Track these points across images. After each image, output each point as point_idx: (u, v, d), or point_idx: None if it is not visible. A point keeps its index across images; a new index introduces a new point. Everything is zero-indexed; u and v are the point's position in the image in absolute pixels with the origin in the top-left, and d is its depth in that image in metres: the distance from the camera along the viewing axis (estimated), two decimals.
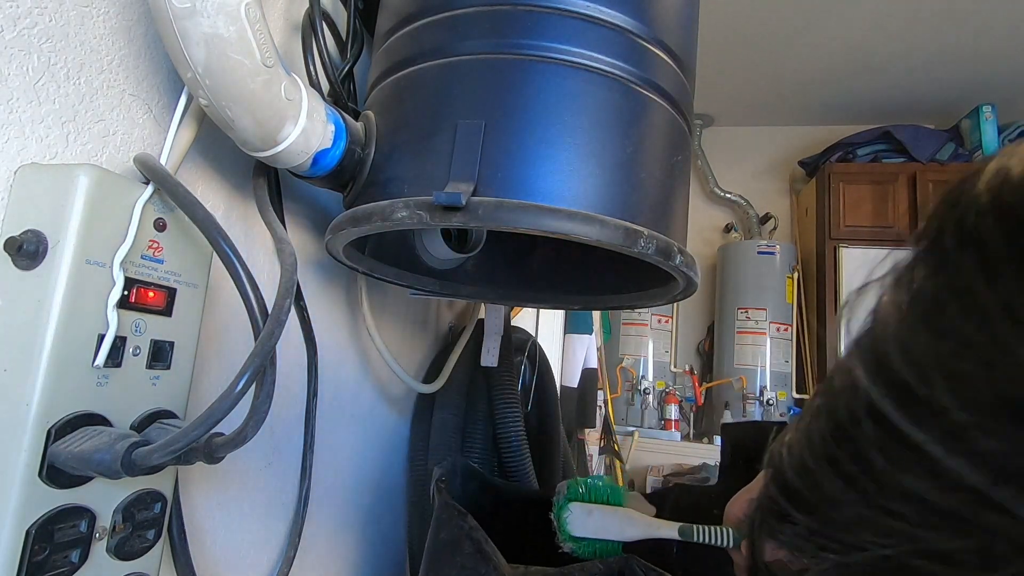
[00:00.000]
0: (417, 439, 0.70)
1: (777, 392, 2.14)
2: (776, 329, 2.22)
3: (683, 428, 2.28)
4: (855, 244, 2.15)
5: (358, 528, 0.63)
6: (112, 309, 0.29)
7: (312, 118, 0.36)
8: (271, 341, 0.28)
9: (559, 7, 0.38)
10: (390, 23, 0.43)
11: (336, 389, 0.57)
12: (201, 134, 0.37)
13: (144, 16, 0.34)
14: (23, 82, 0.28)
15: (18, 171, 0.28)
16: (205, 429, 0.26)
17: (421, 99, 0.39)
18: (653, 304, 0.52)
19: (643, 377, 2.34)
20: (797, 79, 2.30)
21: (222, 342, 0.42)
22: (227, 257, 0.30)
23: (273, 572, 0.48)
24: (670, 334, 2.45)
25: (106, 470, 0.26)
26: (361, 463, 0.63)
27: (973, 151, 2.16)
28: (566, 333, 1.52)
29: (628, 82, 0.39)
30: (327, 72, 0.46)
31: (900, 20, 1.90)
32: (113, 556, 0.29)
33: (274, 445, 0.48)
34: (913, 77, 2.22)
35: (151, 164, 0.31)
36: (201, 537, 0.40)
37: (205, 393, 0.40)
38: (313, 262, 0.53)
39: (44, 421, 0.27)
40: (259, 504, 0.46)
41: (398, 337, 0.68)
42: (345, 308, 0.58)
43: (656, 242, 0.36)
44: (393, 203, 0.36)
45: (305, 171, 0.39)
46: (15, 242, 0.27)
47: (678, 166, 0.42)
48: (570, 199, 0.35)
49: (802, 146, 2.57)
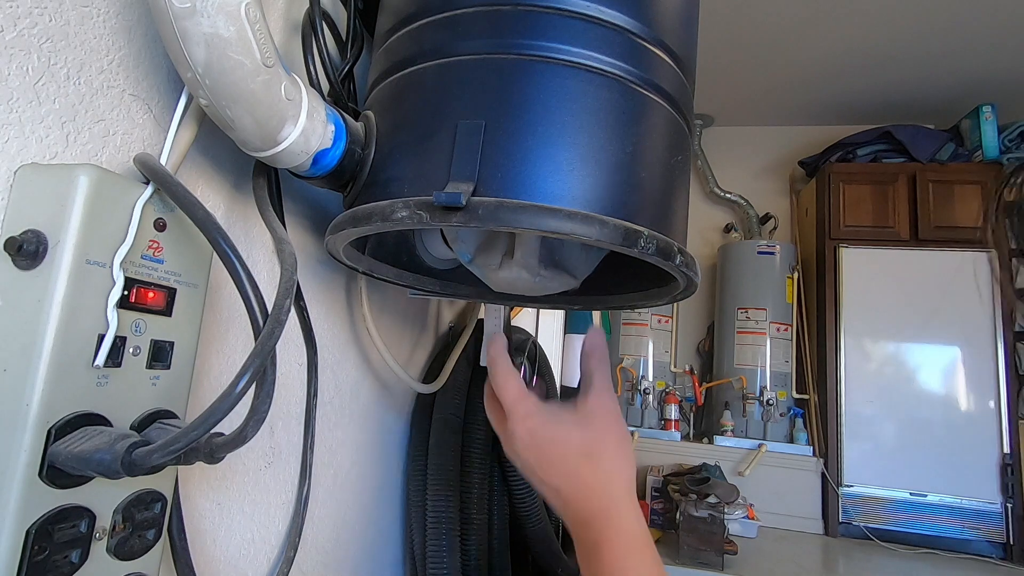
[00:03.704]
0: (417, 439, 0.70)
1: (777, 392, 2.14)
2: (776, 329, 2.22)
3: (683, 428, 2.27)
4: (855, 244, 2.14)
5: (358, 528, 0.63)
6: (112, 309, 0.29)
7: (312, 118, 0.36)
8: (271, 341, 0.28)
9: (559, 7, 0.38)
10: (390, 23, 0.43)
11: (336, 389, 0.57)
12: (201, 134, 0.37)
13: (144, 16, 0.34)
14: (23, 82, 0.28)
15: (18, 171, 0.28)
16: (205, 429, 0.26)
17: (421, 99, 0.39)
18: (653, 304, 0.52)
19: (643, 377, 2.34)
20: (797, 79, 2.30)
21: (222, 342, 0.42)
22: (227, 257, 0.30)
23: (273, 572, 0.48)
24: (670, 334, 2.45)
25: (106, 470, 0.26)
26: (361, 463, 0.63)
27: (973, 151, 2.16)
28: (566, 333, 1.52)
29: (628, 82, 0.39)
30: (327, 72, 0.46)
31: (900, 20, 1.90)
32: (113, 556, 0.29)
33: (274, 445, 0.48)
34: (913, 77, 2.21)
35: (151, 164, 0.31)
36: (201, 537, 0.40)
37: (205, 393, 0.40)
38: (313, 262, 0.53)
39: (44, 421, 0.27)
40: (259, 504, 0.46)
41: (398, 337, 0.68)
42: (345, 308, 0.58)
43: (656, 242, 0.36)
44: (393, 203, 0.36)
45: (305, 171, 0.38)
46: (15, 242, 0.27)
47: (678, 166, 0.42)
48: (570, 199, 0.35)
49: (802, 146, 2.56)
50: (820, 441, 2.07)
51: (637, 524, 0.39)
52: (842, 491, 1.97)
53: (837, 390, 2.06)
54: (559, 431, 0.42)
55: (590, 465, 0.40)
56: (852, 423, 2.02)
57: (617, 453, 0.41)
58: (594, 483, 0.40)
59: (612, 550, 0.37)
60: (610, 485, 0.40)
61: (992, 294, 1.99)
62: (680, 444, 2.16)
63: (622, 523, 0.38)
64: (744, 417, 2.16)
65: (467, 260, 0.48)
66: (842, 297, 2.11)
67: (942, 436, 1.95)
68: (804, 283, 2.32)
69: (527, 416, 0.42)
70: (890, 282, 2.09)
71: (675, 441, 2.18)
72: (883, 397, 2.02)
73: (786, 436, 2.14)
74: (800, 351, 2.24)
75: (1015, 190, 0.64)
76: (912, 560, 1.79)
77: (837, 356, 2.08)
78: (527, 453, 0.42)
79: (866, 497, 1.96)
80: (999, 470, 1.89)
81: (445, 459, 0.65)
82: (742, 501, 1.67)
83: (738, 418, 2.17)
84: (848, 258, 2.14)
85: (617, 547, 0.37)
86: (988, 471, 1.90)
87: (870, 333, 2.07)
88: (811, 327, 2.25)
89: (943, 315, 2.02)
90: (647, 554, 0.38)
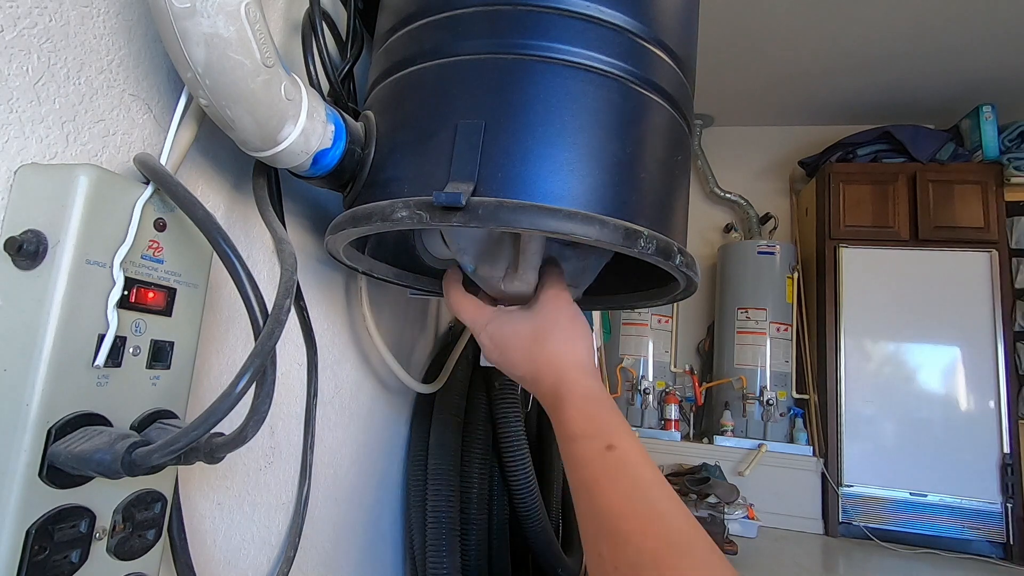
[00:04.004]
0: (417, 439, 0.70)
1: (777, 392, 2.14)
2: (776, 329, 2.22)
3: (683, 428, 2.28)
4: (855, 244, 2.15)
5: (358, 528, 0.63)
6: (112, 309, 0.29)
7: (312, 118, 0.36)
8: (271, 341, 0.28)
9: (559, 7, 0.38)
10: (390, 23, 0.43)
11: (336, 389, 0.57)
12: (201, 134, 0.37)
13: (144, 16, 0.34)
14: (23, 82, 0.28)
15: (18, 171, 0.28)
16: (205, 429, 0.26)
17: (421, 99, 0.39)
18: (653, 304, 0.52)
19: (643, 377, 2.34)
20: (797, 79, 2.30)
21: (222, 342, 0.42)
22: (227, 257, 0.30)
23: (273, 572, 0.48)
24: (670, 334, 2.45)
25: (106, 470, 0.26)
26: (361, 463, 0.63)
27: (973, 151, 2.16)
28: None
29: (628, 82, 0.39)
30: (327, 72, 0.46)
31: (900, 20, 1.90)
32: (113, 556, 0.29)
33: (274, 445, 0.48)
34: (913, 77, 2.22)
35: (151, 164, 0.31)
36: (201, 537, 0.40)
37: (205, 393, 0.40)
38: (313, 262, 0.53)
39: (44, 421, 0.27)
40: (259, 504, 0.46)
41: (398, 337, 0.68)
42: (345, 308, 0.58)
43: (656, 242, 0.36)
44: (393, 203, 0.36)
45: (305, 171, 0.38)
46: (15, 242, 0.27)
47: (678, 166, 0.42)
48: (570, 199, 0.35)
49: (802, 146, 2.57)
50: (820, 441, 2.08)
51: (594, 383, 0.42)
52: (842, 491, 1.97)
53: (837, 390, 2.06)
54: (512, 326, 0.45)
55: (540, 346, 0.43)
56: (852, 423, 2.02)
57: (567, 331, 0.44)
58: (548, 359, 0.43)
59: (572, 405, 0.40)
60: (562, 358, 0.43)
61: (992, 294, 1.99)
62: (680, 444, 2.16)
63: (576, 386, 0.41)
64: (744, 417, 2.16)
65: (471, 271, 0.49)
66: (842, 297, 2.12)
67: (942, 436, 1.95)
68: (804, 283, 2.33)
69: (486, 324, 0.47)
70: (890, 282, 2.09)
71: (675, 441, 2.18)
72: (883, 397, 2.02)
73: (786, 436, 2.14)
74: (800, 351, 2.25)
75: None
76: (912, 560, 1.79)
77: (837, 356, 2.08)
78: (494, 355, 0.46)
79: (866, 497, 1.96)
80: (999, 470, 1.89)
81: (445, 459, 0.65)
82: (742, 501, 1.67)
83: (738, 418, 2.17)
84: (848, 258, 2.14)
85: (575, 400, 0.40)
86: (988, 471, 1.90)
87: (870, 333, 2.07)
88: (811, 327, 2.25)
89: (943, 315, 2.02)
90: (604, 403, 0.41)
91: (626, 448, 0.37)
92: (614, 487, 0.36)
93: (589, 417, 0.39)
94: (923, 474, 1.94)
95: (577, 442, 0.39)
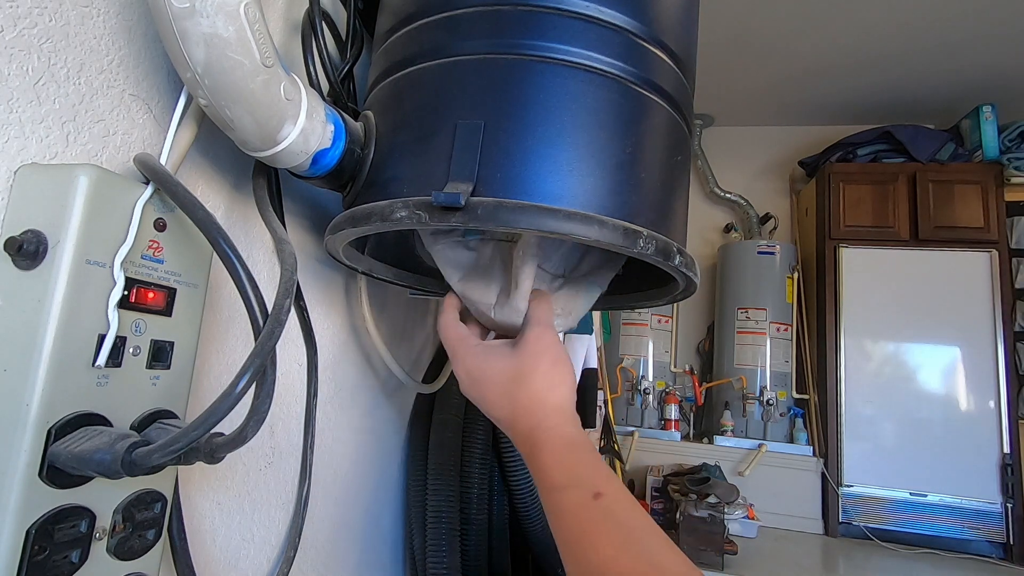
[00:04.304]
0: (417, 439, 0.70)
1: (777, 392, 2.14)
2: (776, 329, 2.22)
3: (683, 428, 2.28)
4: (855, 244, 2.15)
5: (358, 528, 0.63)
6: (112, 309, 0.29)
7: (312, 118, 0.36)
8: (271, 341, 0.28)
9: (559, 7, 0.38)
10: (390, 23, 0.43)
11: (336, 389, 0.57)
12: (201, 134, 0.37)
13: (144, 16, 0.34)
14: (23, 82, 0.28)
15: (18, 171, 0.28)
16: (205, 429, 0.26)
17: (421, 99, 0.39)
18: (653, 304, 0.52)
19: (643, 377, 2.34)
20: (797, 79, 2.30)
21: (222, 342, 0.42)
22: (227, 257, 0.30)
23: (273, 572, 0.48)
24: (670, 334, 2.45)
25: (106, 470, 0.26)
26: (361, 463, 0.63)
27: (973, 151, 2.16)
28: (566, 333, 1.52)
29: (628, 82, 0.39)
30: (327, 72, 0.46)
31: (900, 20, 1.90)
32: (113, 556, 0.29)
33: (274, 445, 0.48)
34: (913, 77, 2.21)
35: (151, 164, 0.31)
36: (201, 537, 0.40)
37: (205, 393, 0.40)
38: (313, 262, 0.53)
39: (44, 421, 0.27)
40: (259, 504, 0.46)
41: (398, 337, 0.68)
42: (345, 308, 0.58)
43: (656, 242, 0.36)
44: (392, 203, 0.36)
45: (305, 171, 0.39)
46: (15, 242, 0.27)
47: (678, 166, 0.42)
48: (570, 199, 0.35)
49: (802, 146, 2.56)
50: (820, 441, 2.07)
51: (573, 429, 0.40)
52: (842, 491, 1.97)
53: (837, 390, 2.06)
54: (491, 363, 0.43)
55: (519, 386, 0.41)
56: (852, 423, 2.02)
57: (549, 374, 0.42)
58: (526, 403, 0.41)
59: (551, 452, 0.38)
60: (541, 403, 0.41)
61: (992, 294, 1.99)
62: (680, 444, 2.16)
63: (554, 431, 0.39)
64: (744, 417, 2.16)
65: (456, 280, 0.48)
66: (842, 297, 2.11)
67: (942, 436, 1.95)
68: (804, 283, 2.32)
69: (465, 356, 0.44)
70: (890, 282, 2.09)
71: (675, 441, 2.18)
72: (883, 397, 2.02)
73: (786, 436, 2.14)
74: (800, 351, 2.24)
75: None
76: (912, 560, 1.79)
77: (837, 356, 2.08)
78: (471, 391, 0.44)
79: (866, 497, 1.96)
80: (999, 470, 1.89)
81: (445, 459, 0.65)
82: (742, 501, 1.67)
83: (738, 418, 2.17)
84: (848, 258, 2.14)
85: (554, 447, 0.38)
86: (988, 471, 1.90)
87: (870, 333, 2.07)
88: (811, 327, 2.25)
89: (943, 315, 2.02)
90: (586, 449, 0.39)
91: (614, 495, 0.35)
92: (607, 539, 0.33)
93: (571, 465, 0.37)
94: (923, 474, 1.93)
95: (560, 492, 0.36)
